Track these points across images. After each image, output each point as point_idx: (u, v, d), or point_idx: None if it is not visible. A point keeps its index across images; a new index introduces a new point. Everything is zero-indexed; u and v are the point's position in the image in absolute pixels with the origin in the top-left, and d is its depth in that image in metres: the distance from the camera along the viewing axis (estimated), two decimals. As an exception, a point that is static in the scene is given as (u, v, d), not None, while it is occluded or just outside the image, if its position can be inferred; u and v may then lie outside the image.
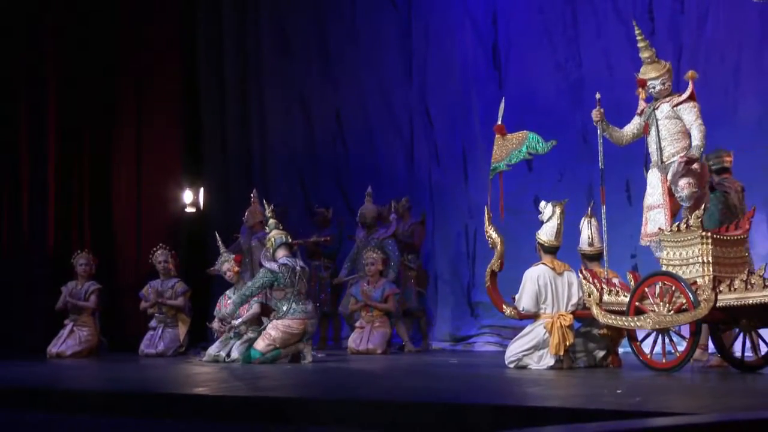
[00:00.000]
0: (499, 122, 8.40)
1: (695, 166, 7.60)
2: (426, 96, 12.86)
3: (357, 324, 10.83)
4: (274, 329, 9.07)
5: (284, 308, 9.07)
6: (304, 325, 9.12)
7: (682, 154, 7.64)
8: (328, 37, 13.65)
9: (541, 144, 8.18)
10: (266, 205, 9.80)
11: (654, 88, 7.87)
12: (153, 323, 11.28)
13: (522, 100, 11.27)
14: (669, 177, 7.69)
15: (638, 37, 7.95)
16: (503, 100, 8.48)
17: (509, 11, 12.21)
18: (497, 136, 8.35)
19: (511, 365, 7.96)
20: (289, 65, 13.82)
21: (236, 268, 9.99)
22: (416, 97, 12.95)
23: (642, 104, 7.98)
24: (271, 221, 9.53)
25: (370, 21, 13.35)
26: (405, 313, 11.45)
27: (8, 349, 11.26)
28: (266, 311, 9.57)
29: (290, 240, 9.48)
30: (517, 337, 8.16)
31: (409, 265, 11.57)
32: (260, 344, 9.08)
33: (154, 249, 11.45)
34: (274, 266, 9.13)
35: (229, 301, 9.72)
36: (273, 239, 9.37)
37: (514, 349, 8.02)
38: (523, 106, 11.06)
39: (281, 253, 9.27)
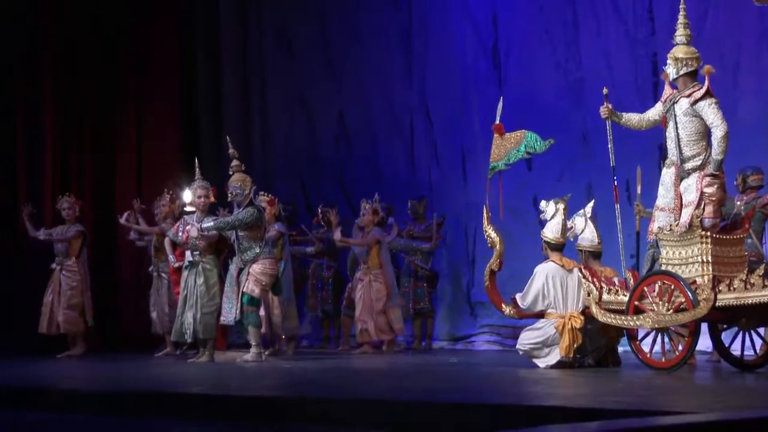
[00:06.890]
0: (498, 122, 8.40)
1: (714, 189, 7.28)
2: (426, 96, 12.85)
3: (357, 275, 10.94)
4: (263, 275, 9.25)
5: (257, 250, 9.24)
6: (278, 265, 9.55)
7: (705, 183, 7.27)
8: (330, 37, 13.64)
9: (539, 143, 8.18)
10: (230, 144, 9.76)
11: (668, 68, 7.53)
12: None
13: (522, 100, 11.27)
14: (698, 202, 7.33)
15: (681, 13, 7.64)
16: (501, 100, 8.48)
17: (509, 11, 12.20)
18: (495, 135, 8.35)
19: (521, 352, 8.05)
20: (291, 66, 13.80)
21: (211, 198, 9.76)
22: (416, 97, 12.94)
23: (667, 91, 7.64)
24: (235, 162, 9.55)
25: (371, 21, 13.34)
26: (417, 312, 11.62)
27: (8, 348, 11.25)
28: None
29: None
30: (530, 327, 8.13)
31: (422, 265, 11.66)
32: (256, 291, 9.21)
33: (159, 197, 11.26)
34: (261, 207, 9.47)
35: (206, 223, 9.42)
36: (252, 186, 9.48)
37: (526, 338, 8.05)
38: (523, 106, 11.05)
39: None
